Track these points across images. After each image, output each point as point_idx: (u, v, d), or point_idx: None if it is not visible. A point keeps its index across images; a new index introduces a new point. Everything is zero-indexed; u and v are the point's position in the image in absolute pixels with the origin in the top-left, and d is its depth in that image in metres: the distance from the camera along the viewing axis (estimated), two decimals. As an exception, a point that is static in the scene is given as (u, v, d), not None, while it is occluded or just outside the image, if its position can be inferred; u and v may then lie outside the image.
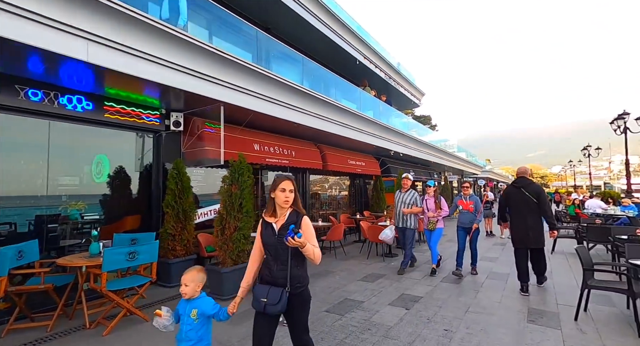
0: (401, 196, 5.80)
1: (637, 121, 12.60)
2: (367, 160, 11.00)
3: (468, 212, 5.49)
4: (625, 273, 3.32)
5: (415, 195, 5.69)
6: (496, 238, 9.75)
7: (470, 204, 5.50)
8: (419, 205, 5.64)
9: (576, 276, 5.28)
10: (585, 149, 22.61)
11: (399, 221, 5.80)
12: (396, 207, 5.83)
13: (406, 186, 5.78)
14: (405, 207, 5.64)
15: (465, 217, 5.52)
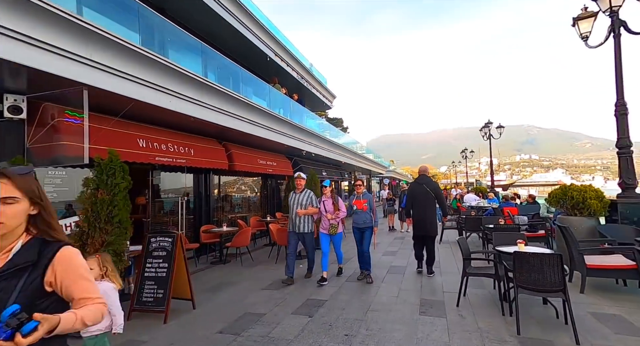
0: (296, 197, 5.26)
1: (497, 129, 15.56)
2: (278, 160, 10.69)
3: (362, 212, 5.12)
4: (492, 259, 3.78)
5: (311, 195, 5.26)
6: (397, 233, 10.65)
7: (363, 203, 5.12)
8: (315, 205, 5.21)
9: (457, 264, 6.00)
10: (463, 152, 27.08)
11: (295, 225, 5.15)
12: (291, 209, 5.24)
13: (300, 186, 5.28)
14: (302, 208, 5.13)
15: (359, 217, 5.15)
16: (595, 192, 5.03)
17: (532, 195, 9.79)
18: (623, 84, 5.00)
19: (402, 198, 10.59)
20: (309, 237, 5.23)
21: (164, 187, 7.32)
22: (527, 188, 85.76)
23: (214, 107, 6.30)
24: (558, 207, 5.37)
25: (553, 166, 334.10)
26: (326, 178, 15.86)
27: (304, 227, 5.16)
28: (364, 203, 5.12)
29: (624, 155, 4.96)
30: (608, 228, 4.78)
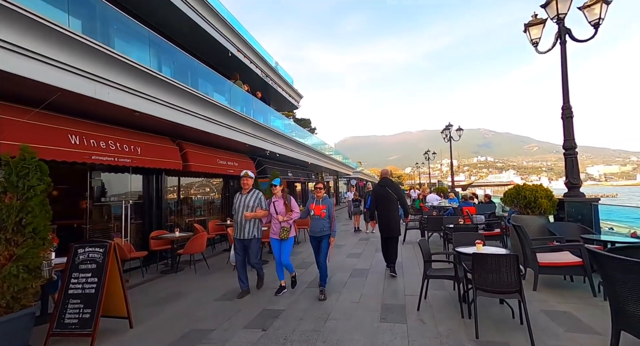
0: (242, 199, 4.64)
1: (457, 132, 16.23)
2: (240, 160, 10.20)
3: (319, 218, 4.48)
4: (452, 261, 3.73)
5: (260, 196, 4.69)
6: (362, 234, 10.61)
7: (322, 208, 4.48)
8: (264, 207, 4.68)
9: (419, 264, 5.99)
10: (426, 153, 28.11)
11: (240, 231, 4.54)
12: (236, 213, 4.59)
13: (247, 186, 4.70)
14: (249, 211, 4.55)
15: (316, 223, 4.51)
16: (545, 191, 5.25)
17: (489, 194, 10.24)
18: (568, 88, 5.28)
19: (367, 199, 10.58)
20: (254, 244, 4.61)
21: (110, 189, 6.59)
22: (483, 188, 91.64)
23: (165, 102, 5.78)
24: (512, 206, 5.56)
25: (506, 167, 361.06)
26: (292, 179, 15.54)
27: (250, 232, 4.55)
28: (323, 209, 4.52)
29: (570, 156, 5.23)
30: (556, 226, 5.00)
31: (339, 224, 14.00)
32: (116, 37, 5.52)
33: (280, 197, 4.74)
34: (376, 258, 6.79)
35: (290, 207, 4.66)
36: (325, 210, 4.50)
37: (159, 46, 6.49)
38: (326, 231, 4.49)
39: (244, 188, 4.72)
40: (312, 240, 4.68)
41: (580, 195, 5.13)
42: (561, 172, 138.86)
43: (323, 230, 4.50)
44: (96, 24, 5.23)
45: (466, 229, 5.48)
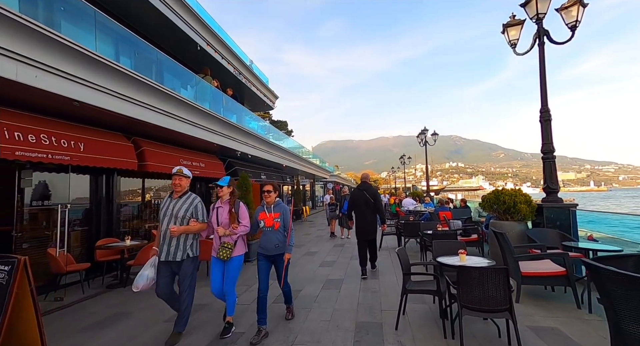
0: (171, 205, 3.32)
1: (432, 136, 16.35)
2: (208, 161, 9.48)
3: (272, 231, 3.47)
4: (434, 273, 3.36)
5: (196, 202, 3.38)
6: (337, 240, 10.19)
7: (274, 218, 3.48)
8: (200, 218, 3.34)
9: (397, 273, 5.64)
10: (402, 158, 28.39)
11: (166, 250, 3.24)
12: (161, 224, 3.33)
13: (179, 188, 3.34)
14: (179, 223, 3.24)
15: (267, 238, 3.50)
16: (524, 196, 5.08)
17: (464, 199, 10.20)
18: (547, 91, 5.17)
19: (342, 203, 10.19)
20: (186, 266, 3.27)
21: (49, 191, 5.69)
22: (454, 193, 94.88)
23: (116, 93, 5.07)
24: (491, 211, 5.36)
25: (475, 173, 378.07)
26: (265, 182, 14.89)
27: (178, 250, 3.24)
28: (275, 218, 3.47)
29: (548, 160, 5.10)
30: (536, 232, 4.83)
31: (314, 229, 13.50)
32: (65, 19, 4.77)
33: (226, 202, 3.50)
34: (351, 266, 6.38)
35: (238, 216, 3.45)
36: (279, 219, 3.48)
37: (111, 30, 5.76)
38: (281, 248, 3.47)
39: (174, 191, 3.36)
40: (262, 259, 3.53)
41: (559, 200, 5.00)
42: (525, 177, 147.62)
43: (278, 246, 3.46)
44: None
45: (445, 236, 5.19)
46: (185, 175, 3.42)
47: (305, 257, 7.53)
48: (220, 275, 3.45)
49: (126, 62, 6.14)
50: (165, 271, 3.30)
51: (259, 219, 3.56)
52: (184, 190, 3.42)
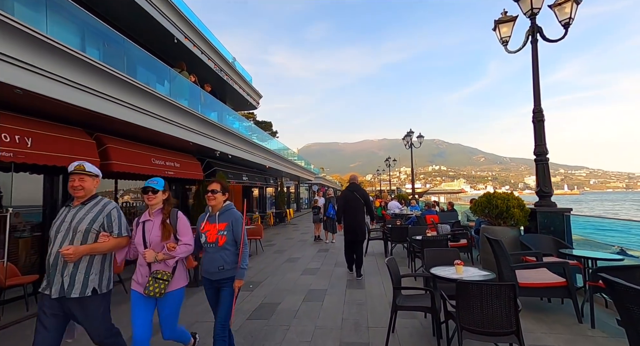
0: (67, 216, 2.21)
1: (417, 139, 16.25)
2: (184, 161, 8.87)
3: (215, 247, 2.49)
4: (429, 288, 3.00)
5: (110, 210, 2.30)
6: (322, 244, 9.77)
7: (219, 229, 2.50)
8: (116, 231, 2.28)
9: (384, 281, 5.28)
10: (387, 160, 28.36)
11: (58, 281, 2.10)
12: (51, 244, 2.16)
13: (83, 192, 2.24)
14: (78, 240, 2.15)
15: (212, 258, 2.51)
16: (517, 200, 4.84)
17: (452, 202, 10.01)
18: (539, 90, 4.96)
19: (327, 206, 9.79)
20: (92, 308, 2.15)
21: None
22: (437, 196, 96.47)
23: (73, 82, 4.49)
24: (482, 216, 5.09)
25: (457, 176, 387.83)
26: (248, 184, 14.29)
27: (76, 285, 2.11)
28: (221, 229, 2.50)
29: (541, 163, 4.88)
30: (529, 238, 4.58)
31: (297, 233, 13.01)
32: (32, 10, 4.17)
33: (157, 212, 2.44)
34: (335, 274, 5.98)
35: (176, 231, 2.41)
36: (226, 232, 2.49)
37: (72, 15, 5.17)
38: (229, 271, 2.47)
39: (75, 196, 2.25)
40: (207, 285, 2.61)
41: (552, 204, 4.78)
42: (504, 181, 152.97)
43: (224, 268, 2.45)
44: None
45: (435, 242, 4.87)
46: (90, 173, 2.24)
47: (286, 264, 7.06)
48: (149, 319, 2.31)
49: (94, 53, 5.58)
50: (52, 318, 2.07)
51: (200, 231, 2.53)
52: (88, 194, 2.26)
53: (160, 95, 6.42)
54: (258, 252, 8.54)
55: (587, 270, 3.73)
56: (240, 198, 17.93)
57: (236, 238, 2.53)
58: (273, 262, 7.25)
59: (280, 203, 18.30)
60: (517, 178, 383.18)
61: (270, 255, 8.21)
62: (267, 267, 6.73)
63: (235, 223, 2.53)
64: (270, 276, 5.97)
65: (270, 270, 6.44)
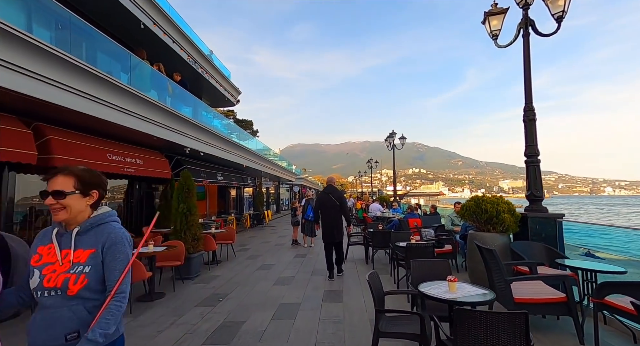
0: None
1: (400, 140, 16.03)
2: (149, 157, 8.07)
3: (61, 296, 1.24)
4: (417, 313, 2.51)
5: None
6: (299, 248, 9.20)
7: (75, 261, 1.27)
8: None
9: (364, 293, 4.79)
10: (369, 162, 28.17)
11: None
12: None
13: None
14: None
15: (51, 319, 1.23)
16: (507, 204, 4.50)
17: (434, 205, 9.73)
18: (531, 88, 4.66)
19: (306, 207, 9.24)
20: None
21: None
22: (417, 198, 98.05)
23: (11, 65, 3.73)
24: (470, 221, 4.72)
25: (436, 179, 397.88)
26: (223, 184, 13.48)
27: None
28: (77, 261, 1.28)
29: (532, 165, 4.56)
30: (520, 246, 4.24)
31: (274, 236, 12.33)
32: None
33: None
34: (312, 283, 5.44)
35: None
36: (88, 267, 1.27)
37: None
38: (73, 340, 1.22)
39: None
40: None
41: (543, 209, 4.47)
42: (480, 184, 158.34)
43: (77, 336, 1.23)
44: None
45: (421, 249, 4.44)
46: None
47: (259, 272, 6.45)
48: None
49: (45, 35, 4.81)
50: None
51: (32, 265, 1.28)
52: None
53: (116, 82, 5.66)
54: (229, 258, 7.86)
55: (586, 283, 3.40)
56: (216, 199, 17.07)
57: (96, 279, 1.29)
58: (244, 270, 6.62)
59: (258, 205, 17.56)
60: (492, 182, 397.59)
61: (243, 261, 7.56)
62: (237, 276, 6.10)
63: (111, 252, 1.32)
64: (239, 286, 5.35)
65: (240, 279, 5.81)
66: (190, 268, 5.86)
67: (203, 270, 6.56)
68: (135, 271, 4.14)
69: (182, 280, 5.67)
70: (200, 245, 6.18)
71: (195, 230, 6.06)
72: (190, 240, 5.92)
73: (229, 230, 8.11)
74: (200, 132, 9.54)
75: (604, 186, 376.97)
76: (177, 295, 4.96)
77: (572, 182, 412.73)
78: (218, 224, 10.71)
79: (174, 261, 5.34)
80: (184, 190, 6.10)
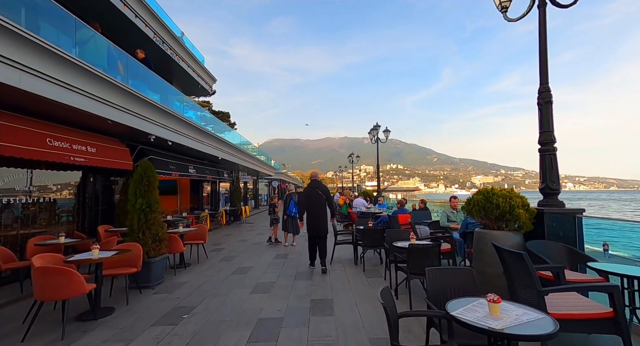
0: None
1: (384, 133, 15.52)
2: (104, 145, 6.95)
3: None
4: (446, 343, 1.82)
5: None
6: (280, 247, 8.41)
7: None
8: None
9: (358, 302, 4.11)
10: (350, 156, 27.68)
11: None
12: None
13: None
14: None
15: None
16: (520, 199, 3.94)
17: (424, 200, 9.24)
18: (547, 65, 4.10)
19: (288, 203, 8.43)
20: None
21: None
22: (395, 193, 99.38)
23: None
24: (480, 218, 4.13)
25: (413, 175, 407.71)
26: (196, 177, 12.35)
27: None
28: None
29: (548, 153, 4.03)
30: (537, 245, 3.70)
31: (252, 234, 11.44)
32: None
33: None
34: (296, 290, 4.69)
35: None
36: None
37: None
38: None
39: None
40: None
41: (560, 204, 3.96)
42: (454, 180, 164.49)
43: None
44: None
45: (424, 251, 3.80)
46: None
47: (234, 276, 5.62)
48: None
49: None
50: None
51: None
52: None
53: (55, 49, 4.58)
54: (201, 260, 6.95)
55: (626, 292, 2.88)
56: (189, 193, 15.84)
57: None
58: (217, 274, 5.76)
59: (236, 200, 16.53)
60: (465, 178, 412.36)
61: (216, 263, 6.68)
62: (208, 282, 5.24)
63: None
64: (209, 297, 4.51)
65: (211, 287, 4.96)
66: (150, 274, 4.94)
67: (168, 275, 5.64)
68: (63, 286, 3.23)
69: (140, 289, 4.73)
70: (163, 247, 5.25)
71: (157, 230, 5.12)
72: (151, 241, 4.98)
73: (200, 228, 7.18)
74: (168, 119, 8.45)
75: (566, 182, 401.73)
76: (130, 309, 4.05)
77: (537, 177, 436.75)
78: (189, 221, 9.69)
79: (127, 269, 4.40)
80: (142, 182, 5.12)
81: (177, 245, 5.89)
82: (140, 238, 4.90)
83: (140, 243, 4.81)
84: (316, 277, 5.43)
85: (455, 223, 6.11)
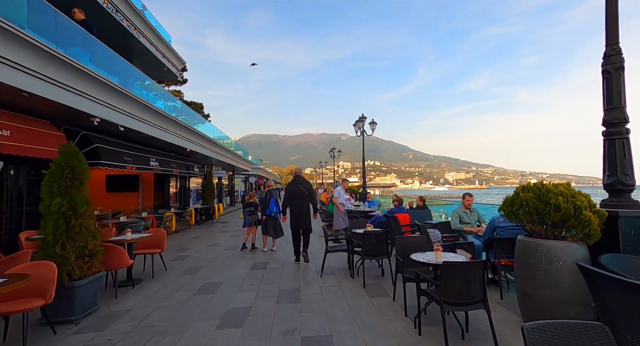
0: None
1: (370, 125, 14.53)
2: (22, 126, 5.35)
3: None
4: None
5: None
6: (258, 254, 7.10)
7: None
8: None
9: (365, 338, 2.96)
10: (331, 151, 26.61)
11: None
12: None
13: None
14: None
15: None
16: (586, 198, 2.94)
17: (422, 197, 8.26)
18: (617, 19, 3.09)
19: (268, 200, 7.13)
20: None
21: None
22: (373, 189, 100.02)
23: None
24: (530, 224, 3.08)
25: (389, 171, 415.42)
26: (160, 171, 10.69)
27: None
28: None
29: (619, 137, 3.03)
30: (615, 261, 2.73)
31: (226, 236, 10.01)
32: None
33: None
34: (280, 321, 3.45)
35: None
36: None
37: None
38: None
39: None
40: None
41: (636, 204, 2.99)
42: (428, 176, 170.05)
43: None
44: None
45: (465, 270, 2.70)
46: None
47: (196, 298, 4.29)
48: None
49: None
50: None
51: None
52: None
53: None
54: (157, 273, 5.54)
55: None
56: (152, 190, 14.06)
57: None
58: (174, 296, 4.41)
59: (208, 197, 14.93)
60: (439, 174, 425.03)
61: (176, 278, 5.31)
62: (160, 310, 3.89)
63: None
64: (155, 335, 3.18)
65: (163, 319, 3.62)
66: (72, 304, 3.52)
67: (105, 300, 4.22)
68: None
69: (53, 326, 3.30)
70: (95, 263, 3.82)
71: (84, 240, 3.69)
72: (74, 257, 3.55)
73: (156, 233, 5.74)
74: (120, 98, 6.87)
75: (530, 178, 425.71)
76: None
77: (505, 174, 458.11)
78: (148, 223, 8.15)
79: (31, 301, 2.98)
80: (64, 176, 3.66)
81: (121, 258, 4.47)
82: (57, 254, 3.46)
83: (58, 261, 3.39)
84: (305, 295, 4.25)
85: (469, 225, 5.12)
